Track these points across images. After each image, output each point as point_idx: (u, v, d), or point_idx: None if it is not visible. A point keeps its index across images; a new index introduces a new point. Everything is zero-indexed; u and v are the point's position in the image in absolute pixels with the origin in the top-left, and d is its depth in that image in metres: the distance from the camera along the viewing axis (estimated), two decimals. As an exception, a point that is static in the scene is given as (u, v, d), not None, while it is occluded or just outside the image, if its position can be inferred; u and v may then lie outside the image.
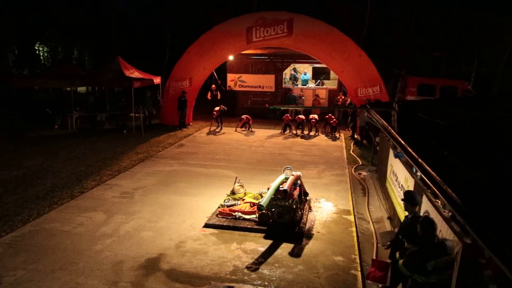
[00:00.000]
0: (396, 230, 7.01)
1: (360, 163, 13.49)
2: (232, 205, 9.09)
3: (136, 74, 18.45)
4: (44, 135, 16.81)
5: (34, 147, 14.64)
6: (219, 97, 21.24)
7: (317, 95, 21.67)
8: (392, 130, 7.97)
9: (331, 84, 22.60)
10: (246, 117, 18.81)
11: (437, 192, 4.58)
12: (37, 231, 7.99)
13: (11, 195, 9.84)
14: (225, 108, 19.28)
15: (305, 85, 22.77)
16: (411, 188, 7.16)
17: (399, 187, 8.33)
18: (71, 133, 17.55)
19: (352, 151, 15.18)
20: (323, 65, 20.65)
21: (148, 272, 6.56)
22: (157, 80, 19.36)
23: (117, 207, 9.27)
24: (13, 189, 10.22)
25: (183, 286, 6.20)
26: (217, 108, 18.73)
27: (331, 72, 21.49)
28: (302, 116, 18.06)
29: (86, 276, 6.40)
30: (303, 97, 21.60)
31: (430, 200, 5.94)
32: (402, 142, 6.78)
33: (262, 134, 17.94)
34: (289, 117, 18.42)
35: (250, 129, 18.75)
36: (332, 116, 18.46)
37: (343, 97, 20.72)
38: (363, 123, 15.76)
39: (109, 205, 9.41)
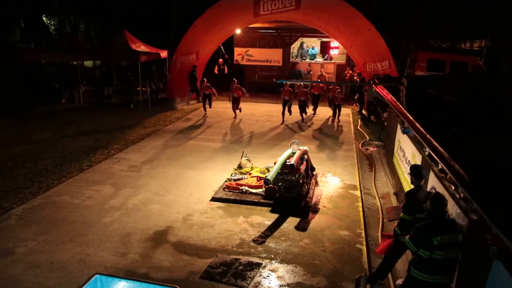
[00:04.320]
0: (402, 205, 7.04)
1: (367, 139, 13.45)
2: (239, 179, 9.14)
3: (142, 48, 18.31)
4: (51, 110, 16.88)
5: (42, 121, 14.73)
6: (226, 72, 21.09)
7: (322, 73, 21.03)
8: (400, 106, 7.91)
9: (339, 58, 22.31)
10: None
11: (445, 168, 4.57)
12: (47, 203, 8.12)
13: (21, 168, 9.96)
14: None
15: (313, 59, 22.51)
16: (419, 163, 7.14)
17: (406, 162, 8.31)
18: (79, 107, 17.61)
19: (360, 127, 15.11)
20: (331, 39, 20.35)
21: (156, 244, 6.67)
22: (163, 54, 19.23)
23: (125, 181, 9.36)
24: (23, 163, 10.34)
25: (190, 258, 6.31)
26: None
27: (340, 46, 21.19)
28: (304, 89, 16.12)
29: (95, 248, 6.52)
30: (311, 72, 21.35)
31: (437, 176, 5.93)
32: (410, 117, 6.73)
33: (270, 109, 17.87)
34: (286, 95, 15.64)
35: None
36: (338, 89, 16.24)
37: (350, 72, 20.47)
38: (370, 98, 15.60)
39: (117, 178, 9.51)
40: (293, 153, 8.64)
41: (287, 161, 8.28)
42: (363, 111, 16.99)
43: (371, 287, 5.64)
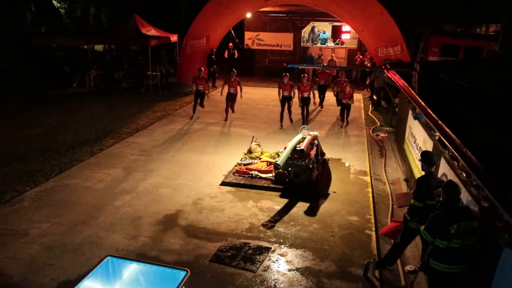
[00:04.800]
0: (412, 191, 7.01)
1: (378, 124, 13.36)
2: (249, 164, 9.17)
3: (152, 32, 18.26)
4: (63, 93, 17.00)
5: (53, 105, 14.84)
6: (236, 56, 20.98)
7: (332, 57, 20.82)
8: (412, 91, 7.82)
9: (351, 43, 22.06)
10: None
11: (456, 154, 4.52)
12: (59, 186, 8.23)
13: (34, 151, 10.07)
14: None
15: (324, 44, 22.27)
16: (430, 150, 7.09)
17: (417, 149, 8.26)
18: (89, 91, 17.69)
19: (370, 112, 15.00)
20: (343, 23, 20.07)
21: (166, 228, 6.74)
22: (173, 38, 19.16)
23: (135, 165, 9.44)
24: (35, 146, 10.45)
25: (200, 242, 6.37)
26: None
27: (352, 31, 20.92)
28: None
29: (106, 230, 6.62)
30: (322, 57, 21.15)
31: (448, 162, 5.89)
32: (422, 103, 6.66)
33: (280, 94, 17.78)
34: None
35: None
36: (346, 82, 13.22)
37: (361, 56, 20.23)
38: (380, 84, 15.43)
39: (127, 162, 9.59)
40: (303, 139, 8.62)
41: (297, 146, 8.27)
42: (374, 97, 16.84)
43: (379, 273, 5.66)
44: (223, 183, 8.44)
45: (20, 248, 6.09)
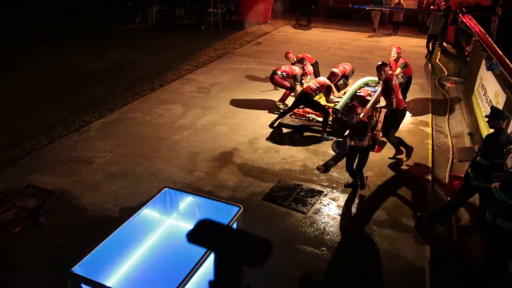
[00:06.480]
0: (477, 147, 6.68)
1: (446, 73, 12.58)
2: (306, 107, 9.03)
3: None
4: (125, 29, 17.29)
5: (117, 40, 15.19)
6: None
7: (400, 1, 19.17)
8: (490, 39, 7.22)
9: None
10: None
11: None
12: (122, 119, 8.61)
13: (98, 85, 10.49)
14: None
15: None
16: (501, 104, 6.64)
17: (486, 102, 7.75)
18: (151, 27, 17.86)
19: (438, 60, 14.10)
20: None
21: (221, 164, 6.93)
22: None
23: (194, 101, 9.61)
24: (100, 80, 10.86)
25: (253, 180, 6.51)
26: None
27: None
28: None
29: (165, 163, 6.91)
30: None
31: (521, 117, 5.49)
32: (500, 52, 6.15)
33: (343, 36, 17.10)
34: None
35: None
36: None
37: None
38: (436, 32, 13.94)
39: (186, 98, 9.78)
40: (365, 84, 8.30)
41: (358, 91, 8.02)
42: (444, 44, 15.70)
43: (432, 226, 5.56)
44: (280, 124, 8.43)
45: (87, 174, 6.53)
